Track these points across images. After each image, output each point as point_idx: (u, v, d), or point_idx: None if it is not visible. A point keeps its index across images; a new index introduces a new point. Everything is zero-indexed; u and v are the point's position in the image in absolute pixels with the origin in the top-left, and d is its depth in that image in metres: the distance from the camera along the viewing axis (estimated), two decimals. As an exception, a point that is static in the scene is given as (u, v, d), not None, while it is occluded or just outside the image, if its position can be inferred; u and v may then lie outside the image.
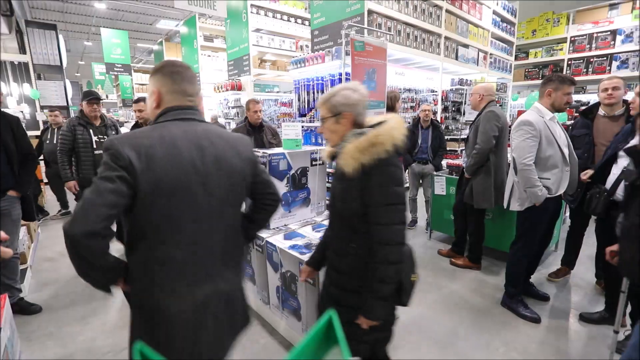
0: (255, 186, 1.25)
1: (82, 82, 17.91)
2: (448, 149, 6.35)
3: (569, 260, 3.07)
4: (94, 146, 3.22)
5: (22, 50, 7.69)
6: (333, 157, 1.42)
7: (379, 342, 1.42)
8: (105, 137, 3.25)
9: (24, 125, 2.67)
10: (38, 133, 6.56)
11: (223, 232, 1.13)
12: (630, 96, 2.67)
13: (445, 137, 4.61)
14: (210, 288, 1.10)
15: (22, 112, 7.13)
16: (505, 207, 2.60)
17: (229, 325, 1.21)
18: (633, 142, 1.88)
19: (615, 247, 1.62)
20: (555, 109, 2.37)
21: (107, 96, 17.00)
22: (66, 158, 3.22)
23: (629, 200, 1.47)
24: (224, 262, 1.15)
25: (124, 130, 7.07)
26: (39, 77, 8.38)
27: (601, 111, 2.66)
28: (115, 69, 10.75)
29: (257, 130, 3.53)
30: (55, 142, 4.59)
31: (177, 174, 1.00)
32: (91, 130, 3.24)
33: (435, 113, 6.51)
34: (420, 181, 4.35)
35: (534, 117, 2.33)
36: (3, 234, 1.36)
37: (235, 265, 1.23)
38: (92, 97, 3.25)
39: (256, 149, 2.52)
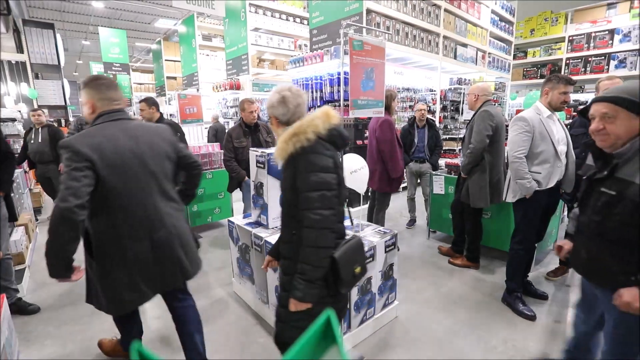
0: (180, 160, 1.75)
1: (80, 81, 17.85)
2: (447, 148, 6.37)
3: (567, 259, 3.08)
4: None
5: (20, 49, 7.66)
6: None
7: None
8: None
9: (21, 125, 2.67)
10: (36, 132, 6.54)
11: (160, 193, 1.60)
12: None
13: (444, 136, 4.62)
14: (163, 231, 1.58)
15: (19, 111, 7.11)
16: (503, 199, 2.65)
17: (180, 257, 1.65)
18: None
19: (563, 242, 1.61)
20: (552, 107, 2.43)
21: (105, 95, 16.97)
22: None
23: (586, 195, 1.45)
24: (165, 212, 1.61)
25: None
26: (36, 77, 8.36)
27: (599, 110, 2.67)
28: (113, 68, 10.72)
29: (253, 130, 3.52)
30: (40, 141, 4.39)
31: (121, 158, 1.46)
32: None
33: (433, 112, 6.52)
34: (418, 180, 4.35)
35: (530, 114, 2.42)
36: None
37: (175, 214, 1.66)
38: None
39: (254, 149, 2.52)
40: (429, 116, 4.30)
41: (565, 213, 3.97)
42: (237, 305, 2.74)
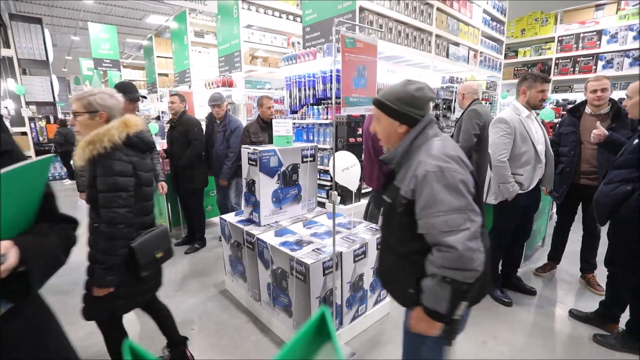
0: None
1: (69, 77, 17.52)
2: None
3: (555, 256, 3.14)
4: None
5: (6, 44, 7.48)
6: None
7: (117, 309, 1.64)
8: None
9: (7, 121, 2.64)
10: (24, 129, 6.41)
11: None
12: (614, 95, 2.73)
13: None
14: None
15: (6, 107, 6.96)
16: (484, 200, 2.67)
17: None
18: (637, 141, 1.94)
19: None
20: (531, 105, 2.46)
21: (95, 92, 16.70)
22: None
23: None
24: None
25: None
26: (24, 72, 8.18)
27: (588, 109, 2.72)
28: (103, 64, 10.55)
29: (269, 126, 3.58)
30: None
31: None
32: None
33: (426, 111, 6.55)
34: None
35: (509, 115, 2.42)
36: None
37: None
38: (133, 95, 2.56)
39: (246, 146, 2.51)
40: (434, 113, 4.26)
41: (554, 210, 4.04)
42: (229, 303, 2.74)
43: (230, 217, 2.72)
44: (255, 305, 2.51)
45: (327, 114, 4.29)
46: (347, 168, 2.03)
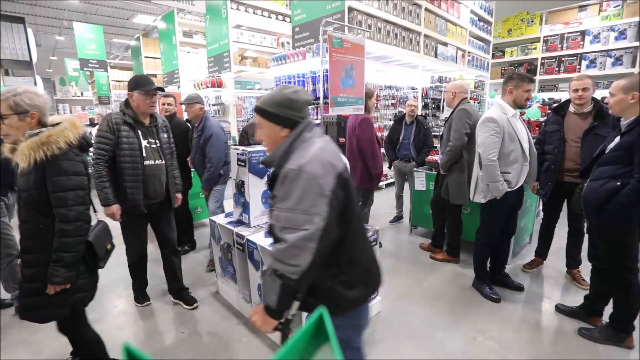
0: None
1: (54, 78, 17.16)
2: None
3: (542, 252, 3.20)
4: (144, 154, 2.30)
5: (-12, 44, 7.28)
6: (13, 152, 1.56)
7: (78, 302, 1.67)
8: (158, 141, 2.41)
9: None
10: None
11: None
12: (597, 94, 2.79)
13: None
14: None
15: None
16: (471, 199, 2.71)
17: None
18: (616, 140, 2.01)
19: None
20: (517, 105, 2.51)
21: (82, 93, 16.39)
22: (105, 171, 2.25)
23: None
24: None
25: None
26: (6, 73, 7.96)
27: (571, 108, 2.77)
28: (90, 65, 10.35)
29: None
30: None
31: None
32: (139, 132, 2.31)
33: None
34: (407, 177, 4.35)
35: (497, 114, 2.45)
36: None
37: None
38: (152, 87, 2.29)
39: (236, 146, 2.50)
40: (423, 112, 4.25)
41: (541, 207, 4.11)
42: (220, 305, 2.72)
43: (220, 219, 2.70)
44: (247, 307, 2.50)
45: (317, 114, 4.28)
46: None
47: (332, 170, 1.14)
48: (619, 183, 1.93)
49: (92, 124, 8.13)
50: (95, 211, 1.71)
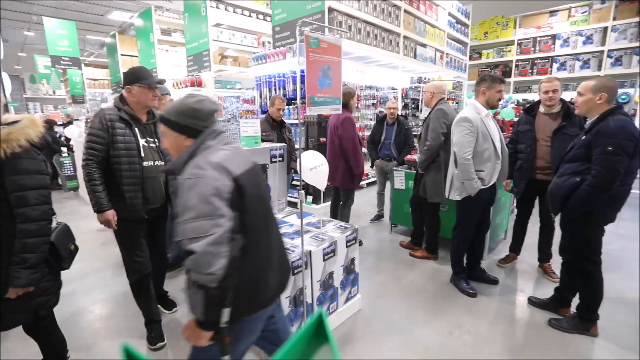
0: None
1: (24, 75, 16.39)
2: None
3: (516, 247, 3.32)
4: (142, 154, 2.05)
5: (-51, 39, 6.89)
6: None
7: (41, 306, 1.62)
8: (156, 139, 2.16)
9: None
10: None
11: None
12: (565, 95, 2.92)
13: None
14: None
15: (-50, 108, 6.40)
16: (447, 197, 2.79)
17: None
18: (584, 137, 2.11)
19: None
20: (489, 105, 2.62)
21: (54, 92, 15.73)
22: (98, 174, 1.99)
23: None
24: None
25: (75, 129, 6.58)
26: (-30, 70, 7.55)
27: (541, 109, 2.89)
28: (62, 62, 9.95)
29: (279, 126, 3.63)
30: None
31: None
32: (137, 130, 2.06)
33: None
34: (388, 175, 4.40)
35: (471, 114, 2.54)
36: None
37: None
38: (155, 80, 2.09)
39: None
40: (403, 112, 4.31)
41: (515, 205, 4.27)
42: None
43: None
44: (226, 308, 2.47)
45: (298, 114, 4.30)
46: (315, 167, 2.05)
47: (228, 174, 1.13)
48: (578, 179, 2.05)
49: (65, 123, 7.80)
50: (54, 214, 1.63)
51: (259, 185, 1.28)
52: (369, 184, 6.49)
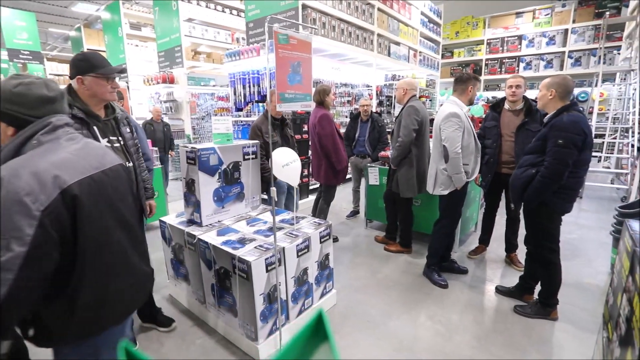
0: None
1: (-22, 71, 15.31)
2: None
3: (485, 239, 3.46)
4: None
5: None
6: None
7: None
8: (120, 138, 1.90)
9: None
10: None
11: None
12: (529, 93, 3.08)
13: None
14: None
15: None
16: (431, 192, 2.87)
17: None
18: (541, 131, 2.27)
19: None
20: (470, 102, 2.77)
21: (13, 88, 14.78)
22: None
23: None
24: None
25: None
26: None
27: (506, 105, 3.02)
28: (21, 56, 9.39)
29: (280, 124, 3.26)
30: None
31: None
32: (95, 129, 1.76)
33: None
34: (363, 172, 4.45)
35: (457, 110, 2.65)
36: None
37: None
38: (115, 69, 1.78)
39: (184, 144, 2.41)
40: (378, 109, 4.36)
41: (483, 199, 4.44)
42: (172, 308, 2.62)
43: (171, 219, 2.59)
44: (200, 308, 2.43)
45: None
46: (287, 164, 2.05)
47: (53, 184, 0.92)
48: (534, 171, 2.18)
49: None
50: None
51: (113, 192, 1.09)
52: (344, 181, 6.55)
